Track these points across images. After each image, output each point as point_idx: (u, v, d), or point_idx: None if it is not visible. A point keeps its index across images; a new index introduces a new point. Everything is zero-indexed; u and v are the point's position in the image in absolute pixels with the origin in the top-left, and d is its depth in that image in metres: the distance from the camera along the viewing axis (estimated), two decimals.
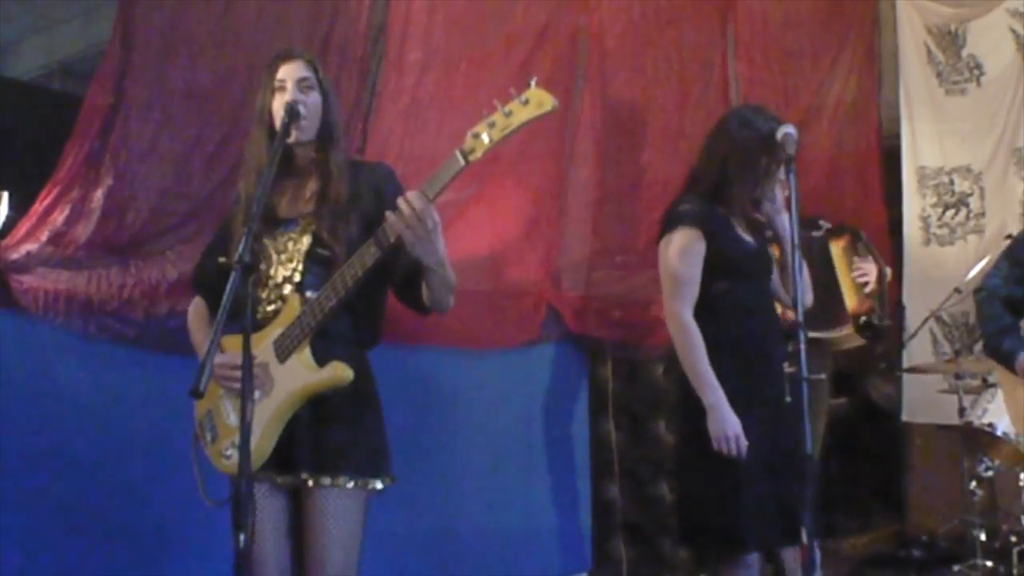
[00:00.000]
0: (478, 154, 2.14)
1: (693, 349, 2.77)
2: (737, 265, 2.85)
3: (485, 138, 2.13)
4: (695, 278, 2.82)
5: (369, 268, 2.24)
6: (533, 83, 2.13)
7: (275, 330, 2.32)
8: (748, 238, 2.89)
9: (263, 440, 2.26)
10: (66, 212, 3.10)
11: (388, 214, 2.20)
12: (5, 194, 3.68)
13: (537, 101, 2.12)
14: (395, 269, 2.38)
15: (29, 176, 3.29)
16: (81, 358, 3.10)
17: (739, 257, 2.85)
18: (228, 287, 1.98)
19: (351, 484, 2.31)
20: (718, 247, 2.83)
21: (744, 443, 2.71)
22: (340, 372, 2.28)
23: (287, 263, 2.38)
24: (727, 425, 2.71)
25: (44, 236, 3.07)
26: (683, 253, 2.82)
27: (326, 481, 2.29)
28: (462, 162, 2.16)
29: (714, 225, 2.83)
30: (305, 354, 2.29)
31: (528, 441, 4.34)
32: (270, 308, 2.37)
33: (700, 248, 2.82)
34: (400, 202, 2.19)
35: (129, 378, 3.16)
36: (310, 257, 2.36)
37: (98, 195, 3.16)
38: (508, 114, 2.12)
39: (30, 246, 3.05)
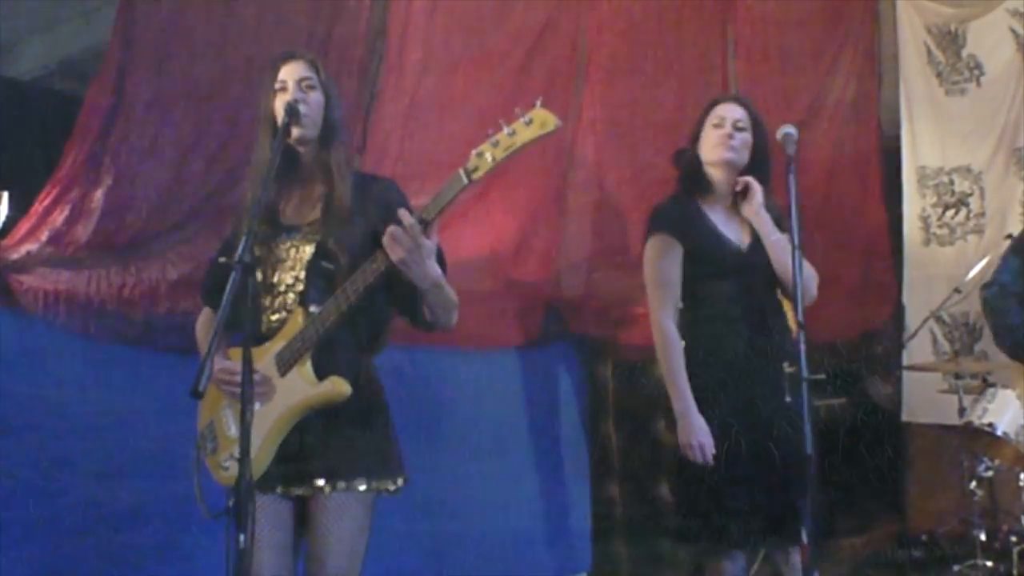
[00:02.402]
0: (481, 173, 2.18)
1: (667, 356, 2.82)
2: (714, 260, 2.85)
3: (488, 157, 2.17)
4: (672, 282, 2.87)
5: (371, 284, 2.25)
6: (539, 104, 2.17)
7: (278, 343, 2.33)
8: (731, 234, 2.89)
9: (261, 451, 2.27)
10: (66, 212, 3.11)
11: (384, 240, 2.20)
12: (5, 194, 3.68)
13: (540, 121, 2.16)
14: (398, 286, 2.37)
15: (29, 176, 3.29)
16: (81, 358, 3.10)
17: (716, 253, 2.85)
18: (228, 287, 2.00)
19: (363, 487, 2.32)
20: (693, 244, 2.85)
21: (711, 451, 2.72)
22: (338, 387, 2.28)
23: (289, 270, 2.38)
24: (693, 433, 2.74)
25: (44, 236, 3.07)
26: (657, 260, 2.90)
27: (342, 485, 2.29)
28: (465, 180, 2.18)
29: (686, 224, 2.86)
30: (306, 368, 2.30)
31: (528, 441, 4.34)
32: (275, 318, 2.37)
33: (675, 251, 2.86)
34: (394, 228, 2.19)
35: (129, 378, 3.16)
36: (313, 269, 2.36)
37: (98, 195, 3.16)
38: (512, 134, 2.16)
39: (30, 246, 3.05)
